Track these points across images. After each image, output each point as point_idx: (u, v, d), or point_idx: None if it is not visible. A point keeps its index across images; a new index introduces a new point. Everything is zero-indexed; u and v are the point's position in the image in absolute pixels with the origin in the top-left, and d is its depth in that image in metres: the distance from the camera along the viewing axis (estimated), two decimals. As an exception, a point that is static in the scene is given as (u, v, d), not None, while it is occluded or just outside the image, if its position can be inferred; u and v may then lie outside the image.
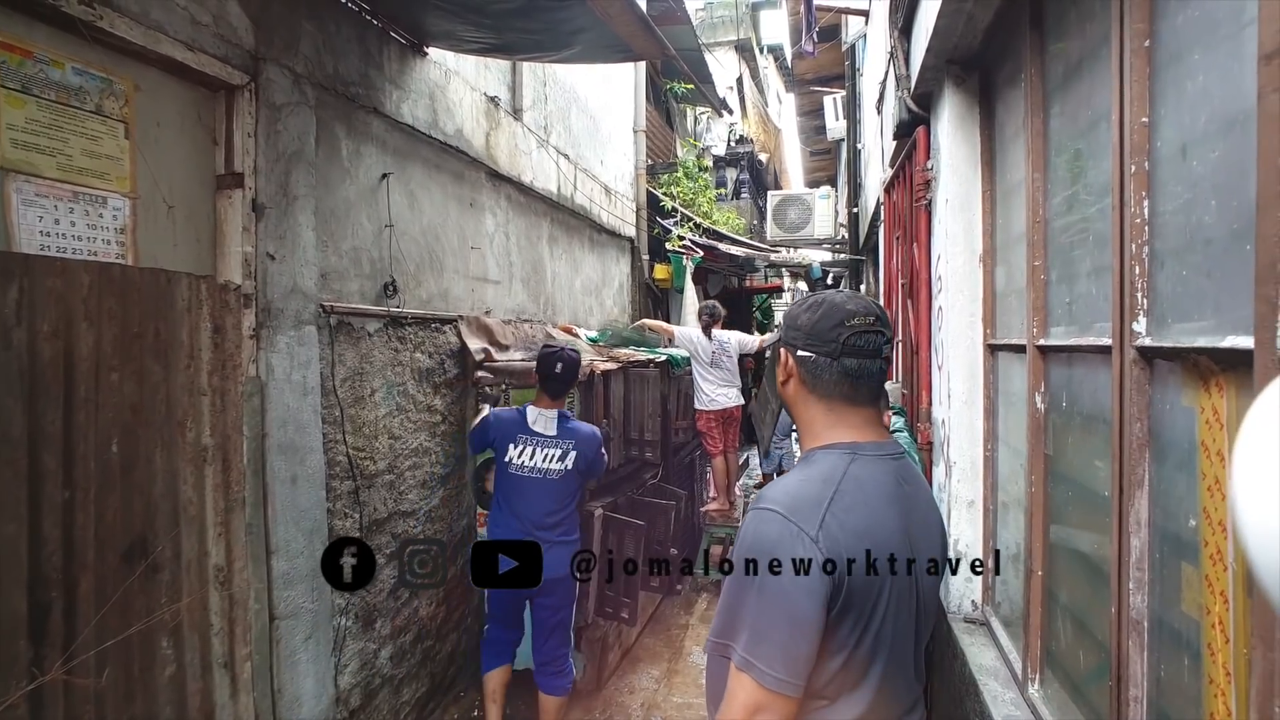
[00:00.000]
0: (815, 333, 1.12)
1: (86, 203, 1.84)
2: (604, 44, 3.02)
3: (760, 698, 0.96)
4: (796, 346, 1.15)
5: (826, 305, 1.13)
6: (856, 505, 1.02)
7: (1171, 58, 1.10)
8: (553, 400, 2.91)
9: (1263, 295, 0.70)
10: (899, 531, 1.06)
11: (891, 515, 1.06)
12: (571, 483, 2.90)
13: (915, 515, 1.11)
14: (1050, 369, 1.72)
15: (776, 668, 0.96)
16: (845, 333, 1.09)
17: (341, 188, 2.70)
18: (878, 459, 1.10)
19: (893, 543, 1.04)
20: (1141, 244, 1.18)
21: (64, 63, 1.79)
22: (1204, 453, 1.00)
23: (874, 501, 1.05)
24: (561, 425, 2.89)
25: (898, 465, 1.12)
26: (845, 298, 1.13)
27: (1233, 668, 0.92)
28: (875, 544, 1.01)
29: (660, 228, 6.88)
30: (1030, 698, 1.77)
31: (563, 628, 2.99)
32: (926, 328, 2.72)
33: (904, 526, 1.07)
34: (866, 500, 1.04)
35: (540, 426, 2.88)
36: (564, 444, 2.86)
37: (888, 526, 1.04)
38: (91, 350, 1.80)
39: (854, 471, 1.06)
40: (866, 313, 1.11)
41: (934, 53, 2.27)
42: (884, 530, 1.04)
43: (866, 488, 1.05)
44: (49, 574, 1.69)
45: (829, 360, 1.11)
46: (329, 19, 2.61)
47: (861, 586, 0.99)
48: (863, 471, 1.07)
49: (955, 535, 2.31)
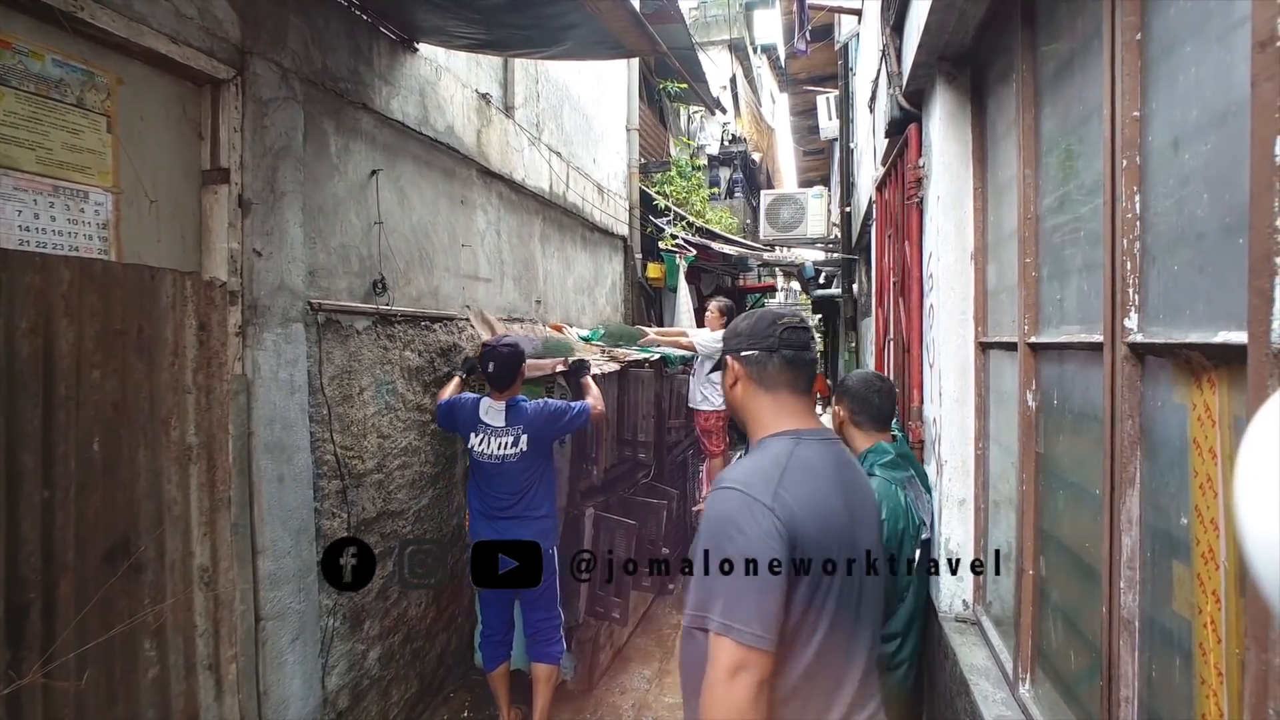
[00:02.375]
0: (755, 334, 1.31)
1: (67, 197, 1.81)
2: (595, 40, 3.00)
3: (740, 656, 1.05)
4: (740, 350, 1.32)
5: (760, 313, 1.35)
6: (804, 479, 1.16)
7: (1163, 51, 1.09)
8: (499, 393, 2.96)
9: (1256, 288, 0.69)
10: (841, 506, 1.19)
11: (834, 491, 1.19)
12: (533, 462, 2.94)
13: (854, 496, 1.24)
14: (1041, 367, 1.71)
15: (752, 624, 1.05)
16: (779, 329, 1.29)
17: (330, 184, 2.67)
18: (820, 442, 1.24)
19: (836, 514, 1.17)
20: (1133, 239, 1.17)
21: (44, 54, 1.76)
22: (1195, 450, 0.99)
23: (819, 477, 1.19)
24: (510, 413, 2.93)
25: (837, 449, 1.28)
26: (774, 307, 1.39)
27: (1225, 668, 0.91)
28: (821, 513, 1.14)
29: (653, 226, 6.86)
30: (1021, 698, 1.76)
31: (546, 599, 3.02)
32: (918, 326, 2.71)
33: (846, 503, 1.20)
34: (813, 476, 1.18)
35: (490, 418, 2.94)
36: (514, 430, 2.91)
37: (831, 499, 1.18)
38: (72, 347, 1.77)
39: (800, 452, 1.20)
40: (793, 315, 1.33)
41: (926, 49, 2.26)
42: (828, 502, 1.17)
43: (812, 465, 1.19)
44: (27, 575, 1.66)
45: (770, 354, 1.29)
46: (317, 13, 2.58)
47: (814, 547, 1.11)
48: (808, 452, 1.21)
49: (946, 534, 2.30)
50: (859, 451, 2.17)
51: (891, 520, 1.92)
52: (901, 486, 2.01)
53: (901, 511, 1.95)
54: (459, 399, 3.05)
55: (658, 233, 6.79)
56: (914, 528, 1.99)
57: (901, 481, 2.03)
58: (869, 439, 2.16)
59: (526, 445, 2.90)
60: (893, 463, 2.07)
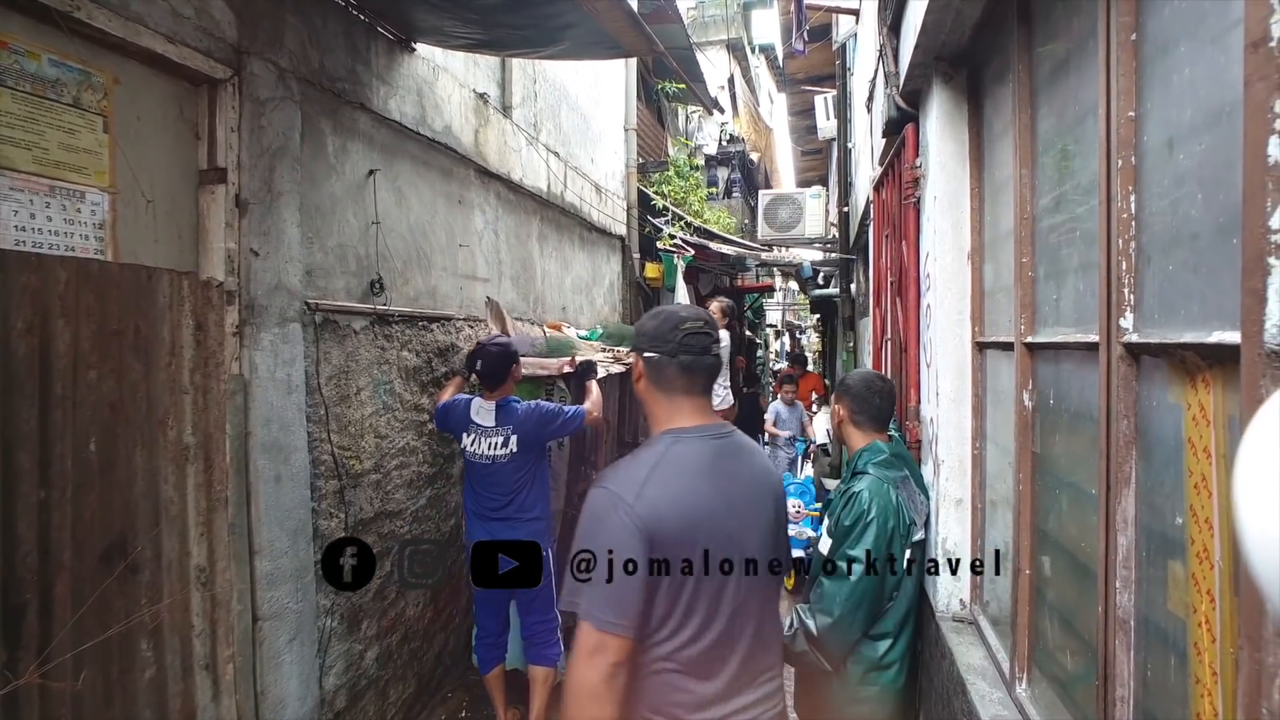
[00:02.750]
0: (657, 336, 1.36)
1: (64, 197, 1.81)
2: (592, 40, 3.00)
3: (596, 639, 1.17)
4: (644, 350, 1.38)
5: (665, 314, 1.39)
6: (671, 478, 1.25)
7: (1158, 51, 1.09)
8: (490, 393, 2.96)
9: (1249, 288, 0.69)
10: (716, 498, 1.28)
11: (708, 486, 1.28)
12: (524, 463, 2.93)
13: (737, 485, 1.33)
14: (1038, 366, 1.71)
15: (607, 613, 1.16)
16: (680, 334, 1.33)
17: (327, 184, 2.67)
18: (700, 439, 1.33)
19: (706, 508, 1.26)
20: (1128, 239, 1.18)
21: (40, 54, 1.75)
22: (1190, 449, 1.00)
23: (688, 475, 1.27)
24: (500, 413, 2.93)
25: (719, 444, 1.34)
26: (680, 308, 1.39)
27: (1219, 667, 0.91)
28: (687, 509, 1.24)
29: (651, 226, 6.86)
30: (1018, 697, 1.76)
31: (543, 601, 3.02)
32: (915, 325, 2.71)
33: (723, 492, 1.29)
34: (681, 474, 1.27)
35: (480, 418, 2.94)
36: (504, 430, 2.91)
37: (701, 493, 1.27)
38: (69, 347, 1.77)
39: (675, 452, 1.30)
40: (696, 318, 1.36)
41: (922, 49, 2.27)
42: (696, 497, 1.26)
43: (687, 462, 1.29)
44: (24, 575, 1.66)
45: (669, 358, 1.33)
46: (314, 13, 2.58)
47: (677, 542, 1.21)
48: (684, 450, 1.30)
49: (943, 534, 2.30)
50: (855, 450, 2.17)
51: (881, 520, 1.92)
52: (894, 486, 2.02)
53: (892, 511, 1.95)
54: (454, 400, 3.05)
55: (656, 232, 6.79)
56: (904, 528, 1.99)
57: (895, 481, 2.04)
58: (866, 438, 2.17)
59: (517, 446, 2.89)
60: (886, 462, 2.08)
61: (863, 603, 1.88)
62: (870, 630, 1.97)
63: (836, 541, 1.97)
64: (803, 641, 1.93)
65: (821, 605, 1.91)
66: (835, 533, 2.00)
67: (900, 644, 2.01)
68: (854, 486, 2.01)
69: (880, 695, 2.00)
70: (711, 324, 1.39)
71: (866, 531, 1.91)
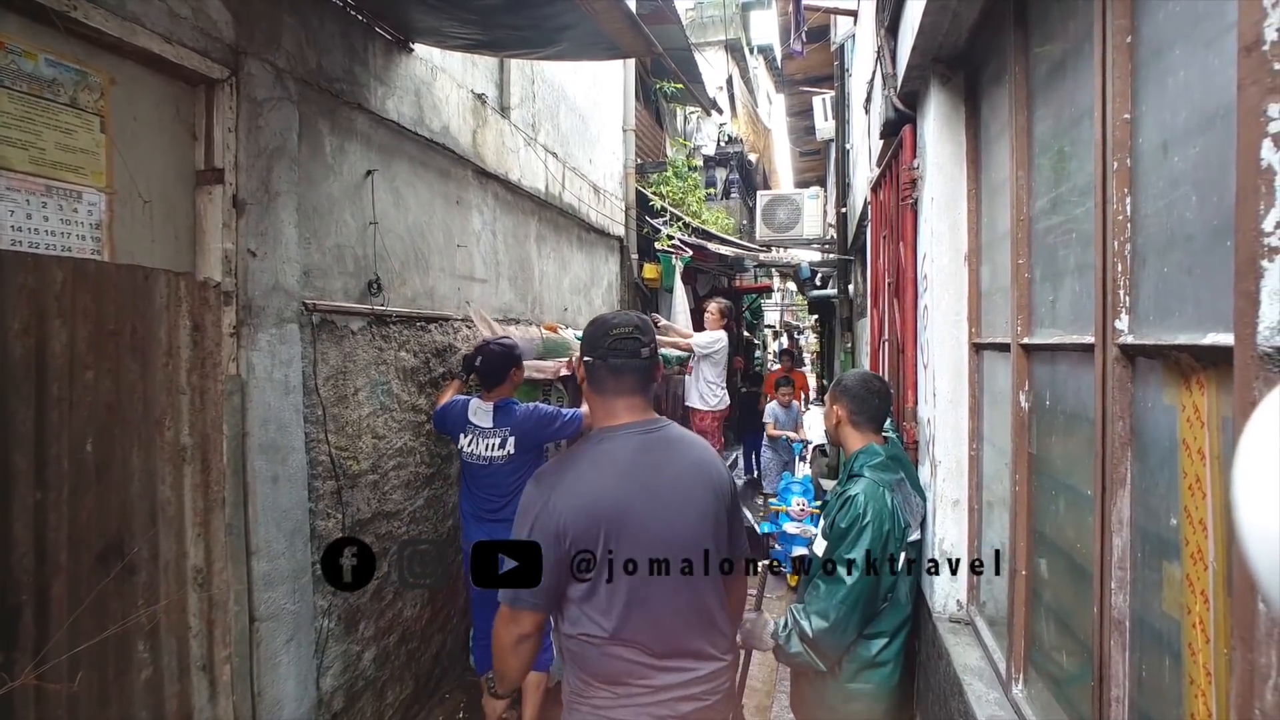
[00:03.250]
0: (590, 342, 1.49)
1: (60, 197, 1.81)
2: (591, 41, 3.00)
3: (506, 612, 1.41)
4: (584, 355, 1.51)
5: (598, 321, 1.51)
6: (587, 474, 1.40)
7: (1153, 54, 1.10)
8: (488, 393, 2.96)
9: (1241, 290, 0.69)
10: (634, 489, 1.40)
11: (623, 479, 1.40)
12: (521, 464, 2.91)
13: (661, 475, 1.43)
14: (1034, 367, 1.72)
15: (520, 591, 1.38)
16: (609, 340, 1.45)
17: (325, 184, 2.66)
18: (626, 435, 1.45)
19: (618, 499, 1.38)
20: (1124, 241, 1.18)
21: (37, 54, 1.75)
22: (1185, 451, 1.00)
23: (606, 470, 1.41)
24: (498, 415, 2.92)
25: (646, 439, 1.46)
26: (612, 314, 1.51)
27: (1213, 668, 0.92)
28: (600, 501, 1.37)
29: (649, 227, 6.87)
30: (1014, 698, 1.77)
31: None
32: (912, 326, 2.72)
33: (643, 484, 1.41)
34: (599, 470, 1.41)
35: (478, 419, 2.93)
36: (501, 432, 2.90)
37: (618, 487, 1.39)
38: (65, 348, 1.77)
39: (598, 450, 1.44)
40: (626, 323, 1.48)
41: (920, 51, 2.27)
42: (612, 490, 1.39)
43: (603, 460, 1.42)
44: (19, 577, 1.65)
45: (600, 361, 1.46)
46: (312, 13, 2.58)
47: (584, 533, 1.36)
48: (608, 448, 1.44)
49: (940, 535, 2.31)
50: (852, 451, 2.18)
51: (877, 523, 1.93)
52: (889, 488, 2.02)
53: (888, 515, 1.96)
54: (452, 401, 3.05)
55: (654, 233, 6.80)
56: (899, 531, 2.00)
57: (890, 484, 2.04)
58: (864, 439, 2.17)
59: (514, 448, 2.89)
60: (882, 465, 2.08)
61: (857, 606, 1.89)
62: (864, 630, 1.97)
63: (832, 544, 1.97)
64: (797, 642, 1.93)
65: (817, 608, 1.91)
66: (831, 535, 2.00)
67: (895, 644, 2.01)
68: (849, 489, 2.01)
69: (874, 694, 2.00)
70: (643, 329, 1.49)
71: (862, 535, 1.91)
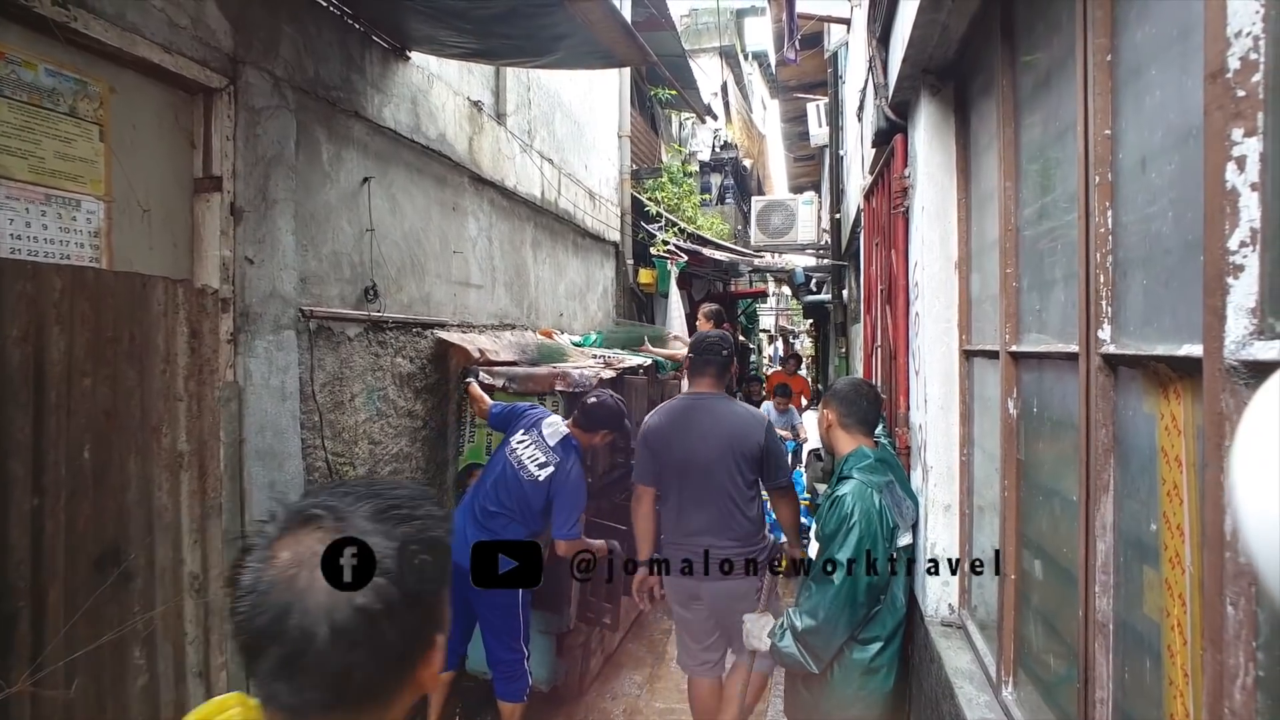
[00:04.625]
0: (692, 346, 2.86)
1: (59, 205, 1.82)
2: (586, 50, 3.03)
3: (636, 492, 2.82)
4: (689, 354, 2.87)
5: (699, 335, 2.90)
6: (669, 414, 2.73)
7: (1132, 72, 1.13)
8: (573, 425, 2.96)
9: (1210, 305, 0.72)
10: (686, 426, 2.66)
11: (674, 419, 2.71)
12: (539, 493, 2.87)
13: (701, 424, 2.65)
14: (1022, 375, 1.74)
15: (639, 475, 2.79)
16: (702, 347, 2.77)
17: (322, 191, 2.68)
18: (689, 398, 2.78)
19: (665, 430, 2.70)
20: (1106, 253, 1.21)
21: (36, 64, 1.77)
22: (1163, 458, 1.03)
23: (672, 414, 2.73)
24: (562, 443, 2.90)
25: (696, 402, 2.73)
26: (706, 333, 2.90)
27: (1190, 669, 0.94)
28: (659, 428, 2.71)
29: (645, 232, 6.90)
30: (1004, 700, 1.79)
31: (509, 631, 2.90)
32: (904, 333, 2.75)
33: (682, 424, 2.68)
34: (668, 413, 2.74)
35: (548, 433, 2.92)
36: (553, 460, 2.87)
37: (670, 423, 2.70)
38: (63, 355, 1.78)
39: (674, 403, 2.80)
40: (714, 337, 2.84)
41: (910, 62, 2.30)
42: (665, 424, 2.71)
43: (671, 406, 2.78)
44: (16, 583, 1.66)
45: (697, 357, 2.77)
46: (310, 22, 2.60)
47: (659, 446, 2.69)
48: (674, 403, 2.80)
49: (932, 539, 2.33)
50: (842, 454, 2.20)
51: (864, 524, 1.95)
52: (879, 490, 2.05)
53: (876, 515, 1.99)
54: (533, 404, 3.07)
55: (649, 238, 6.83)
56: (888, 532, 2.03)
57: (879, 486, 2.07)
58: (854, 441, 2.20)
59: (546, 477, 2.85)
60: (871, 467, 2.11)
61: (846, 606, 1.92)
62: (859, 634, 2.00)
63: (823, 545, 2.00)
64: (790, 640, 1.96)
65: (807, 607, 1.94)
66: (821, 536, 2.03)
67: (891, 648, 2.03)
68: (838, 491, 2.04)
69: (869, 699, 2.02)
70: (724, 341, 2.81)
71: (850, 536, 1.94)
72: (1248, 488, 0.49)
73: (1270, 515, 0.46)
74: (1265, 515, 0.47)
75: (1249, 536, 0.49)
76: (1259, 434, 0.50)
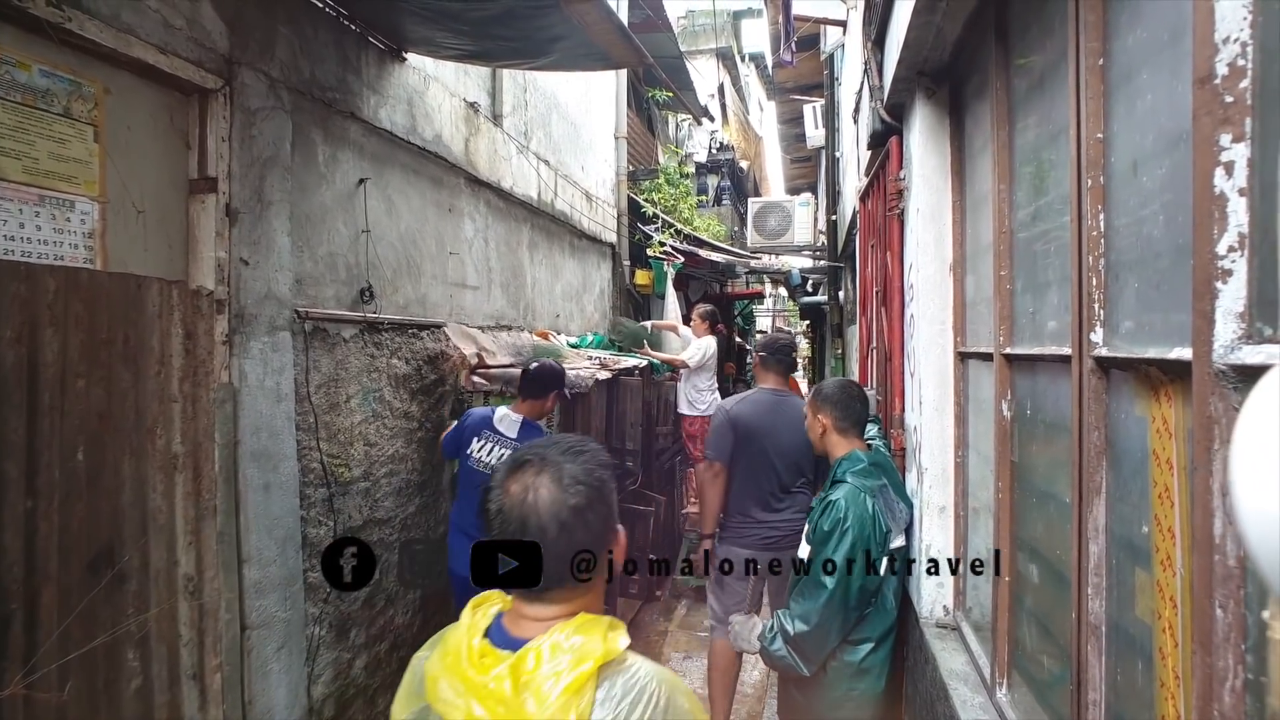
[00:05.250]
0: (761, 346, 3.38)
1: (53, 206, 1.82)
2: (582, 52, 3.03)
3: (705, 464, 3.16)
4: (758, 352, 3.35)
5: (769, 337, 3.30)
6: (750, 404, 3.12)
7: (1123, 76, 1.13)
8: (523, 401, 2.99)
9: (1198, 310, 0.73)
10: (765, 414, 3.06)
11: (757, 409, 3.07)
12: None
13: (778, 413, 3.04)
14: (1016, 377, 1.75)
15: (711, 451, 3.12)
16: (769, 349, 3.29)
17: (318, 193, 2.68)
18: (763, 392, 3.16)
19: (761, 417, 3.05)
20: (1098, 256, 1.21)
21: (30, 64, 1.76)
22: (1155, 461, 1.03)
23: (760, 406, 3.09)
24: (524, 431, 2.94)
25: (771, 397, 3.12)
26: (775, 334, 2.99)
27: (1181, 671, 0.95)
28: (751, 416, 3.06)
29: (641, 234, 6.90)
30: (998, 702, 1.79)
31: None
32: (899, 335, 2.76)
33: (762, 415, 3.06)
34: (755, 403, 3.11)
35: (504, 427, 2.94)
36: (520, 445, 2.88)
37: (753, 414, 3.06)
38: (57, 356, 1.78)
39: (756, 395, 3.16)
40: (783, 339, 3.41)
41: (905, 65, 2.31)
42: (758, 412, 3.07)
43: (758, 399, 3.13)
44: (9, 585, 1.66)
45: (769, 355, 3.26)
46: (306, 23, 2.60)
47: (744, 432, 3.03)
48: (760, 396, 3.15)
49: (927, 541, 2.34)
50: (836, 458, 2.21)
51: (857, 528, 1.96)
52: (871, 494, 2.05)
53: (868, 519, 1.99)
54: (467, 413, 3.08)
55: (646, 240, 6.83)
56: (881, 535, 2.03)
57: (872, 489, 2.07)
58: (848, 445, 2.20)
59: None
60: (864, 471, 2.11)
61: (838, 611, 1.92)
62: (850, 636, 2.00)
63: (815, 549, 2.00)
64: (781, 644, 1.96)
65: (799, 610, 1.95)
66: (814, 539, 2.03)
67: (882, 650, 2.04)
68: (832, 495, 2.05)
69: (861, 700, 2.03)
70: (789, 345, 3.36)
71: (843, 540, 1.94)
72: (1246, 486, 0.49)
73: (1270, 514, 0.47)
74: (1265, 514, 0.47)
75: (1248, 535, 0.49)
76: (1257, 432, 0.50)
